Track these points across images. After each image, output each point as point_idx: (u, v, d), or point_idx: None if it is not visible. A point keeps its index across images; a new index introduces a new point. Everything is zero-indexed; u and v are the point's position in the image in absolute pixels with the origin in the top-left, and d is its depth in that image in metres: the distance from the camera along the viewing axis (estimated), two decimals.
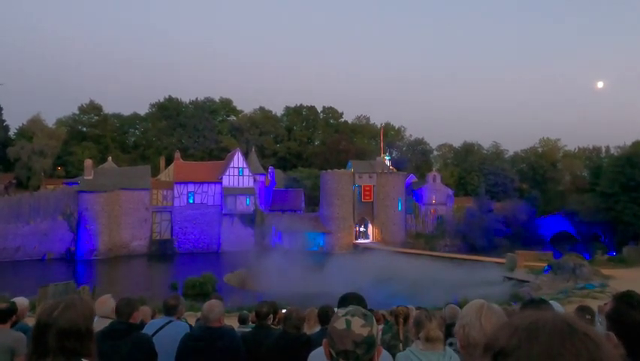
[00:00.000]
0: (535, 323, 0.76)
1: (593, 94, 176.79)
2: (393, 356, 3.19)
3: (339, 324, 1.70)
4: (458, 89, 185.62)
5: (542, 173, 72.58)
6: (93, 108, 71.71)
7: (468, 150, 77.57)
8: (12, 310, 4.25)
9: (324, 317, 4.17)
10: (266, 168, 58.67)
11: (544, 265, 31.52)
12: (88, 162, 49.20)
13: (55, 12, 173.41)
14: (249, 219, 51.73)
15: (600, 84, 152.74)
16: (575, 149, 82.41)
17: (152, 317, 6.30)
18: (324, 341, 1.75)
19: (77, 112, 71.79)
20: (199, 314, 9.92)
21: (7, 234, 43.99)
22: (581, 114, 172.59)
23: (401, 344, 4.82)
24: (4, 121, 65.48)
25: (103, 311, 4.26)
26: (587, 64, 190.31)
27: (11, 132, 66.72)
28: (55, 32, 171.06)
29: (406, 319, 5.53)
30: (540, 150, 78.97)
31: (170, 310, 4.60)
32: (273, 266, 33.65)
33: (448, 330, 3.28)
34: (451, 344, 3.01)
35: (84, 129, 70.60)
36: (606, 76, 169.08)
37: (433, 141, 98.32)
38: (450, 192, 61.03)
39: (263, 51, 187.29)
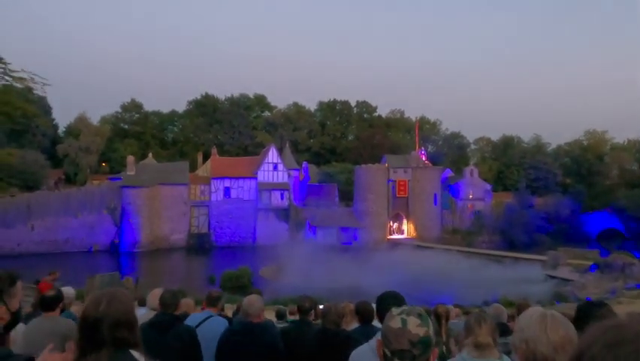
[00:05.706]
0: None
1: None
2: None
3: (395, 323, 1.65)
4: (496, 80, 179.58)
5: (588, 167, 69.00)
6: (134, 106, 74.65)
7: (507, 144, 74.93)
8: (59, 297, 4.44)
9: (365, 314, 4.13)
10: (300, 163, 59.00)
11: (590, 263, 30.11)
12: (130, 159, 51.20)
13: (100, 19, 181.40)
14: (283, 214, 52.31)
15: None
16: (624, 141, 77.92)
17: None
18: (378, 340, 1.70)
19: (120, 110, 74.98)
20: (235, 306, 10.17)
21: (58, 227, 46.60)
22: (632, 104, 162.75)
23: (443, 345, 4.71)
24: (53, 120, 69.23)
25: (155, 304, 4.41)
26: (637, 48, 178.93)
27: (60, 130, 70.46)
28: (100, 37, 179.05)
29: (447, 318, 5.42)
30: (585, 142, 75.11)
31: (213, 301, 4.84)
32: (306, 260, 33.88)
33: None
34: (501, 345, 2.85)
35: (126, 127, 73.61)
36: None
37: (470, 135, 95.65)
38: (488, 186, 59.25)
39: (296, 47, 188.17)
